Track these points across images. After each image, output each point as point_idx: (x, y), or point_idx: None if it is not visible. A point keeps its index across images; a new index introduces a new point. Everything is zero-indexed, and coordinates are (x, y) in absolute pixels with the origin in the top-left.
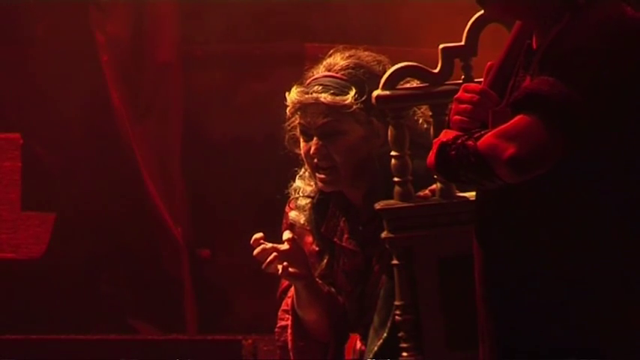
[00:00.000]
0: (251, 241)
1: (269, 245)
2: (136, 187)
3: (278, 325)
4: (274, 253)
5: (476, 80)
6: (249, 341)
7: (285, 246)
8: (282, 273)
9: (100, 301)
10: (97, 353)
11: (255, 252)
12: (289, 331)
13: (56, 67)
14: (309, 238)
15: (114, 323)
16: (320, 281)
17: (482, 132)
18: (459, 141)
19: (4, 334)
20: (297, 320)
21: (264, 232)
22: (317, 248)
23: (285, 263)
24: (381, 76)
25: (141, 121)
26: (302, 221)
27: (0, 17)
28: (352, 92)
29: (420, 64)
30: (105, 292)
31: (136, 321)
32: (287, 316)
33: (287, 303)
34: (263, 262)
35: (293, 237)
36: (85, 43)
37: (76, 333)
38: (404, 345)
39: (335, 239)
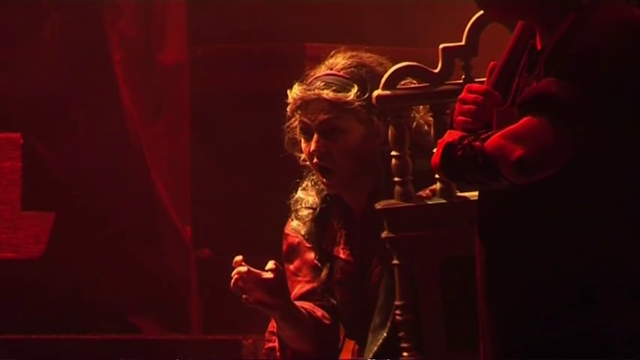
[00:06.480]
0: (232, 264)
1: (244, 269)
2: (145, 187)
3: (265, 347)
4: (236, 275)
5: (476, 80)
6: (250, 341)
7: (268, 274)
8: (245, 302)
9: (101, 300)
10: (96, 353)
11: (233, 273)
12: (277, 354)
13: (65, 67)
14: (310, 254)
15: (114, 323)
16: (301, 303)
17: (489, 133)
18: (465, 141)
19: (4, 334)
20: (282, 342)
21: (267, 233)
22: (318, 263)
23: (245, 296)
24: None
25: (151, 121)
26: (302, 232)
27: (7, 17)
28: (354, 89)
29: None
30: (106, 291)
31: (140, 320)
32: (273, 337)
33: (273, 324)
34: (233, 285)
35: (277, 267)
36: (95, 41)
37: (76, 333)
38: (404, 345)
39: (333, 251)
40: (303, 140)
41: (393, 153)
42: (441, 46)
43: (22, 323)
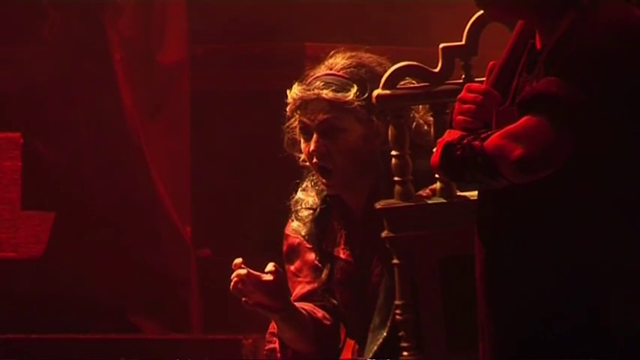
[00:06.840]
0: (232, 266)
1: (244, 272)
2: (145, 187)
3: (266, 348)
4: (235, 278)
5: (476, 80)
6: (250, 341)
7: (268, 277)
8: (245, 304)
9: (101, 300)
10: (96, 353)
11: (233, 275)
12: (278, 355)
13: (65, 67)
14: (310, 255)
15: (114, 323)
16: (302, 304)
17: (489, 132)
18: (465, 141)
19: (4, 334)
20: (283, 343)
21: (267, 232)
22: (318, 264)
23: (244, 299)
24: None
25: (151, 120)
26: (303, 233)
27: (7, 16)
28: (354, 89)
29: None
30: (107, 291)
31: (140, 320)
32: (274, 338)
33: (273, 326)
34: (233, 287)
35: (277, 269)
36: (95, 41)
37: (76, 333)
38: (404, 344)
39: (334, 252)
40: (302, 140)
41: (393, 153)
42: (441, 45)
43: (22, 323)
